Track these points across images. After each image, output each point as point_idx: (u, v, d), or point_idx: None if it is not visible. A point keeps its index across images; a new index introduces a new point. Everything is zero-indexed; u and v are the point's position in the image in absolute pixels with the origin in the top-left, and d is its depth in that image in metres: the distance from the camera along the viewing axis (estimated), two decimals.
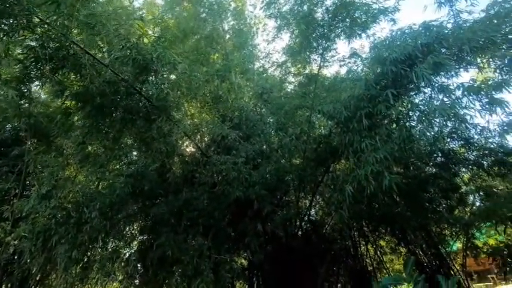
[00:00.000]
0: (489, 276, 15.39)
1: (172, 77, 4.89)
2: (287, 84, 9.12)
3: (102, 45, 4.36)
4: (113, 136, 5.42)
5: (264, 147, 7.30)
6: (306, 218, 8.86)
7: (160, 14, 6.50)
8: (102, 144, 6.24)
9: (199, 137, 7.73)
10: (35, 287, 8.78)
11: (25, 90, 4.11)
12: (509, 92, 3.56)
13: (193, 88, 5.81)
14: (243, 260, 9.18)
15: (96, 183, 6.87)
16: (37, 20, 3.38)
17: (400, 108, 4.26)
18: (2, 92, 4.20)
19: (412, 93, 4.67)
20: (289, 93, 8.51)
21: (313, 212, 10.01)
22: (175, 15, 8.28)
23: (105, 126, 5.39)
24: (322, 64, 6.96)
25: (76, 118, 5.91)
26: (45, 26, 3.50)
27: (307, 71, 8.25)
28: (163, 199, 6.82)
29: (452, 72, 4.41)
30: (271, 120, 8.32)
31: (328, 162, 6.47)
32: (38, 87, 7.19)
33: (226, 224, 6.55)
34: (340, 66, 7.64)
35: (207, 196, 6.58)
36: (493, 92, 3.61)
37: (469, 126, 4.66)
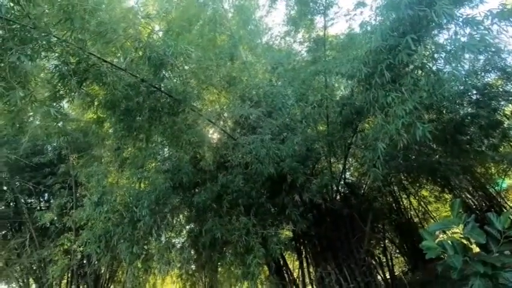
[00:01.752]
0: None
1: (186, 68, 4.98)
2: (296, 53, 8.86)
3: (116, 51, 4.52)
4: (144, 136, 5.70)
5: (288, 120, 7.26)
6: (342, 182, 8.86)
7: (162, 8, 6.50)
8: (135, 146, 6.58)
9: (222, 122, 7.87)
10: (107, 284, 9.77)
11: (59, 107, 4.41)
12: None
13: (208, 75, 5.87)
14: (288, 232, 9.48)
15: (138, 183, 7.31)
16: (55, 39, 3.58)
17: (424, 52, 4.01)
18: (41, 111, 4.53)
19: (434, 34, 4.36)
20: (300, 61, 8.29)
21: (348, 174, 9.98)
22: (175, 6, 8.24)
23: (135, 128, 5.66)
24: (327, 23, 6.67)
25: (108, 125, 6.24)
26: (63, 43, 3.70)
27: (313, 35, 7.95)
28: (201, 187, 7.13)
29: (477, 1, 4.05)
30: (289, 92, 8.24)
31: (355, 122, 6.36)
32: (68, 104, 7.69)
33: (265, 201, 6.75)
34: (347, 21, 7.24)
35: (242, 177, 6.78)
36: None
37: (503, 56, 4.30)
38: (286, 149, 6.56)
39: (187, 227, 8.08)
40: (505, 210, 9.48)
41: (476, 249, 3.20)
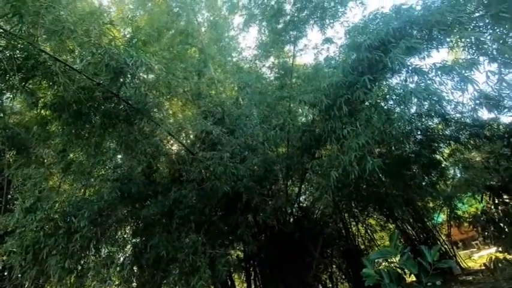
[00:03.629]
0: (473, 242, 16.22)
1: (150, 76, 4.81)
2: (264, 77, 9.13)
3: (72, 48, 4.21)
4: (95, 141, 5.32)
5: (249, 140, 7.34)
6: (296, 205, 9.05)
7: (131, 13, 6.30)
8: (84, 151, 6.11)
9: (183, 135, 7.69)
10: None
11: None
12: (479, 72, 3.73)
13: (172, 87, 5.74)
14: (238, 253, 9.32)
15: (82, 191, 6.76)
16: (0, 30, 3.25)
17: (377, 93, 4.37)
18: None
19: (388, 77, 4.80)
20: (267, 85, 8.54)
21: (302, 198, 10.23)
22: (147, 12, 8.06)
23: (85, 133, 5.27)
24: (295, 53, 7.04)
25: (53, 127, 5.73)
26: (9, 36, 3.37)
27: (282, 62, 8.29)
28: (152, 200, 6.79)
29: (425, 54, 4.55)
30: (254, 113, 8.36)
31: (313, 149, 6.61)
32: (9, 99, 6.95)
33: (217, 219, 6.62)
34: (315, 54, 7.70)
35: (196, 193, 6.61)
36: (464, 72, 3.76)
37: (444, 103, 4.84)
38: (244, 169, 6.62)
39: (132, 241, 7.55)
40: (438, 243, 10.40)
41: (413, 278, 3.44)
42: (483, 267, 10.97)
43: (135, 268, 7.51)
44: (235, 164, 6.65)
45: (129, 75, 4.30)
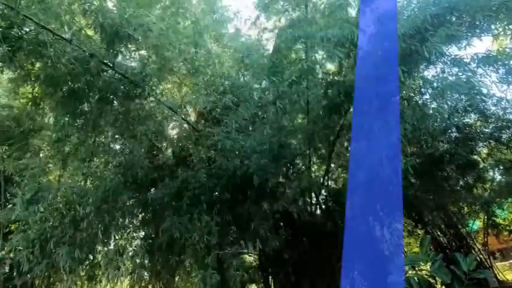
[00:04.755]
0: None
1: (147, 42, 4.37)
2: (265, 41, 8.48)
3: (60, 16, 3.75)
4: (92, 122, 4.92)
5: (257, 108, 6.39)
6: (323, 191, 7.19)
7: None
8: (81, 136, 5.73)
9: (185, 112, 7.28)
10: None
11: None
12: None
13: (169, 59, 5.31)
14: (252, 258, 7.68)
15: (84, 179, 6.42)
16: None
17: (411, 85, 3.99)
18: None
19: (423, 69, 4.40)
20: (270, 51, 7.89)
21: (332, 181, 8.15)
22: None
23: (80, 114, 4.87)
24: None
25: (47, 109, 5.31)
26: None
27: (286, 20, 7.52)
28: (159, 184, 6.48)
29: (465, 43, 4.19)
30: (256, 86, 7.86)
31: (343, 107, 5.12)
32: None
33: (229, 206, 6.10)
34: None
35: (204, 172, 6.28)
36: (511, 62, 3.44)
37: (485, 98, 4.45)
38: (254, 141, 5.64)
39: (142, 229, 7.31)
40: (473, 252, 9.18)
41: None
42: None
43: (147, 256, 7.33)
44: (243, 137, 6.21)
45: (125, 39, 3.86)
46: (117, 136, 6.98)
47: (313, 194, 6.62)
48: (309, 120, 5.77)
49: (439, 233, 9.92)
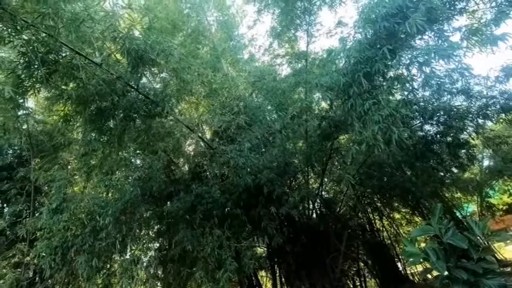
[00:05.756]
0: (509, 233, 15.25)
1: (168, 66, 4.81)
2: (277, 67, 9.07)
3: (91, 44, 4.27)
4: (116, 139, 5.35)
5: (267, 131, 7.24)
6: (318, 199, 8.78)
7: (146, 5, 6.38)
8: (105, 153, 6.19)
9: (201, 130, 7.68)
10: None
11: (21, 100, 4.04)
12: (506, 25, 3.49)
13: (188, 81, 5.74)
14: (262, 249, 9.18)
15: (105, 191, 6.83)
16: (23, 22, 3.31)
17: (399, 63, 4.17)
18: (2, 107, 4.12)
19: (409, 46, 4.57)
20: (282, 74, 8.48)
21: (325, 193, 9.98)
22: (158, 11, 8.19)
23: (106, 131, 5.32)
24: (309, 40, 6.90)
25: (76, 125, 5.82)
26: (31, 28, 3.43)
27: (295, 50, 8.20)
28: (175, 197, 6.78)
29: (446, 16, 4.31)
30: (269, 107, 8.29)
31: (333, 136, 6.40)
32: (34, 102, 7.16)
33: (241, 213, 6.50)
34: (327, 38, 7.57)
35: (217, 188, 6.54)
36: (493, 27, 3.52)
37: (469, 71, 4.53)
38: (265, 160, 6.54)
39: (157, 238, 7.57)
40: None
41: None
42: None
43: (160, 267, 7.53)
44: (255, 156, 6.58)
45: (149, 62, 4.29)
46: (138, 152, 7.43)
47: (310, 202, 8.14)
48: (307, 145, 7.20)
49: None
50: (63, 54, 3.89)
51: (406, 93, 4.35)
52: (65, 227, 5.81)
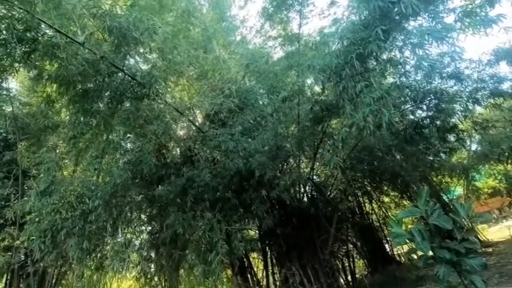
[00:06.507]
0: (492, 215, 15.83)
1: (153, 45, 4.64)
2: (270, 49, 8.87)
3: (72, 22, 4.05)
4: (104, 122, 5.22)
5: (258, 115, 7.16)
6: (309, 183, 8.88)
7: None
8: (94, 134, 6.06)
9: (192, 114, 7.57)
10: (53, 287, 8.86)
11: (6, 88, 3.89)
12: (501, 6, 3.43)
13: (177, 62, 5.57)
14: (254, 232, 9.32)
15: (95, 174, 6.76)
16: None
17: (392, 46, 4.11)
18: None
19: (403, 28, 4.49)
20: (274, 56, 8.33)
21: (316, 177, 10.07)
22: None
23: (92, 113, 5.18)
24: (302, 21, 6.71)
25: (61, 106, 5.65)
26: (6, 2, 3.23)
27: (287, 32, 8.01)
28: (166, 181, 6.76)
29: (441, 4, 4.22)
30: (261, 91, 8.18)
31: (324, 120, 6.35)
32: (16, 84, 6.93)
33: (231, 196, 6.52)
34: (320, 19, 7.38)
35: (209, 172, 6.52)
36: (487, 8, 3.46)
37: (460, 54, 4.50)
38: (256, 144, 6.49)
39: (148, 221, 7.61)
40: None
41: None
42: (502, 239, 10.84)
43: (152, 251, 7.61)
44: (246, 139, 6.55)
45: (132, 43, 4.13)
46: (128, 135, 7.32)
47: (301, 185, 8.14)
48: (299, 128, 7.13)
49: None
50: (43, 32, 3.69)
51: (398, 76, 4.31)
52: (54, 209, 5.75)
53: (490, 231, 13.58)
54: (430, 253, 2.90)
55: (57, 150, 8.20)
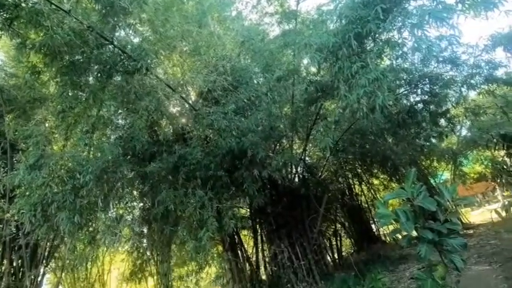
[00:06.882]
0: (476, 200, 16.35)
1: (143, 16, 4.44)
2: (266, 26, 8.62)
3: None
4: (94, 96, 5.08)
5: (253, 94, 7.06)
6: (301, 164, 8.99)
7: None
8: (84, 109, 5.91)
9: (185, 91, 7.42)
10: (46, 260, 8.98)
11: None
12: None
13: (169, 36, 5.38)
14: (245, 210, 9.50)
15: (86, 149, 6.67)
16: None
17: (391, 26, 4.01)
18: None
19: (403, 8, 4.37)
20: (270, 34, 8.11)
21: (308, 158, 10.15)
22: None
23: (80, 86, 5.02)
24: None
25: (48, 78, 5.46)
26: None
27: (285, 8, 7.76)
28: (157, 158, 6.72)
29: None
30: (256, 69, 8.02)
31: (319, 101, 6.33)
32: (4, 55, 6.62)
33: (223, 174, 6.54)
34: None
35: (200, 150, 6.50)
36: None
37: (458, 38, 4.43)
38: (249, 123, 6.45)
39: (140, 197, 7.65)
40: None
41: None
42: (484, 222, 11.30)
43: (144, 226, 7.71)
44: (239, 118, 6.50)
45: (121, 14, 3.94)
46: (119, 111, 7.18)
47: (293, 166, 8.31)
48: (293, 109, 7.17)
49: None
50: None
51: (395, 57, 4.24)
52: (44, 183, 5.70)
53: (473, 214, 14.10)
54: (414, 233, 2.99)
55: (46, 124, 8.02)
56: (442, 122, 7.95)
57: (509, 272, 4.88)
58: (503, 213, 7.50)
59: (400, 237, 3.37)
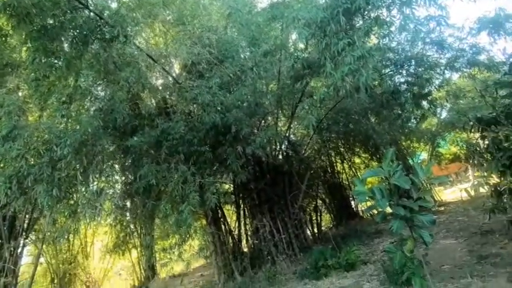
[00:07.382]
0: (449, 179, 17.18)
1: None
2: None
3: None
4: (68, 64, 4.80)
5: (239, 70, 6.89)
6: (285, 141, 9.07)
7: None
8: (57, 76, 5.59)
9: (169, 64, 7.14)
10: (25, 232, 8.86)
11: None
12: None
13: (151, 2, 5.06)
14: (228, 186, 9.61)
15: (63, 121, 6.41)
16: None
17: (380, 2, 3.93)
18: None
19: None
20: (258, 8, 7.79)
21: (292, 136, 10.22)
22: None
23: (53, 53, 4.70)
24: None
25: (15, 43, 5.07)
26: None
27: None
28: (139, 132, 6.57)
29: None
30: (242, 43, 7.77)
31: (305, 78, 6.27)
32: None
33: (207, 150, 6.51)
34: None
35: (184, 124, 6.39)
36: None
37: (446, 19, 4.43)
38: (234, 99, 6.36)
39: (122, 174, 7.54)
40: None
41: None
42: (454, 200, 12.00)
43: (126, 200, 7.67)
44: (224, 93, 6.36)
45: None
46: (98, 81, 6.86)
47: (277, 143, 8.34)
48: (279, 86, 7.11)
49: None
50: None
51: (382, 36, 4.20)
52: (19, 155, 5.48)
53: (446, 192, 14.88)
54: (389, 210, 3.12)
55: (20, 93, 7.60)
56: (424, 104, 8.09)
57: (473, 246, 5.27)
58: (473, 192, 7.97)
59: (375, 213, 3.52)
